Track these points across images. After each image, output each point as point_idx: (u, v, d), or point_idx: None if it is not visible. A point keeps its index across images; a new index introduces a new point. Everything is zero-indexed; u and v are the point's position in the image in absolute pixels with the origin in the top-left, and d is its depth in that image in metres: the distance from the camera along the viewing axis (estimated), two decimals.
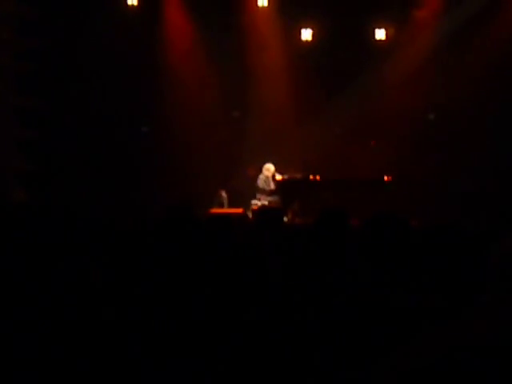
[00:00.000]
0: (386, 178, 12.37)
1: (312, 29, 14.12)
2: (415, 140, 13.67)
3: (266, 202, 12.24)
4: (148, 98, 13.66)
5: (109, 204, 10.99)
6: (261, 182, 12.52)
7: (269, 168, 12.78)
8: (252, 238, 4.94)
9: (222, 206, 12.76)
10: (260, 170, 12.59)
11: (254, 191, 12.51)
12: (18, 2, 12.79)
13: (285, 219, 10.60)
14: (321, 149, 13.43)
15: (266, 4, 13.94)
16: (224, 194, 12.94)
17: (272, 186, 12.49)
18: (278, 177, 12.57)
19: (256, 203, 12.23)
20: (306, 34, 14.16)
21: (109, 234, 4.69)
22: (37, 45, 12.77)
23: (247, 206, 12.24)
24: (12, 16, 12.75)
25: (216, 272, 3.77)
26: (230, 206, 12.66)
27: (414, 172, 13.26)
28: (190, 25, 13.88)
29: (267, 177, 12.70)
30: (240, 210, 11.82)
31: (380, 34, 13.93)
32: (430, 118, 14.19)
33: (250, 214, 11.64)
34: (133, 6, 13.76)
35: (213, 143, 13.40)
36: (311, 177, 12.45)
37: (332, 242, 3.91)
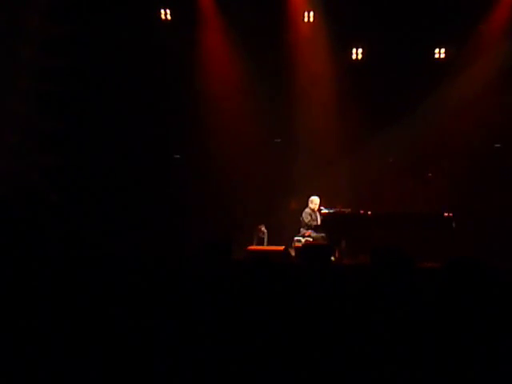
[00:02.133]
0: (445, 214, 11.04)
1: (362, 47, 12.83)
2: (478, 171, 12.25)
3: (311, 239, 11.27)
4: (182, 123, 12.59)
5: (142, 238, 10.30)
6: (306, 215, 11.49)
7: (313, 200, 11.68)
8: (295, 280, 4.60)
9: (261, 242, 11.82)
10: (306, 204, 11.60)
11: (298, 226, 11.54)
12: (43, 19, 11.74)
13: (331, 259, 9.86)
14: (372, 181, 12.34)
15: (312, 19, 12.62)
16: (264, 229, 11.93)
17: (319, 220, 11.51)
18: (324, 211, 11.46)
19: (299, 240, 11.29)
20: (357, 53, 12.89)
21: (144, 273, 4.64)
22: (62, 64, 11.79)
23: (289, 242, 11.27)
24: (36, 33, 11.74)
25: (255, 317, 3.59)
26: (271, 242, 11.69)
27: (476, 207, 12.00)
28: (229, 45, 12.67)
29: (313, 210, 11.58)
30: (281, 248, 10.67)
31: (439, 53, 12.63)
32: (496, 147, 12.67)
33: (292, 252, 10.78)
34: (166, 20, 12.59)
35: (253, 174, 12.39)
36: (361, 211, 11.26)
37: (392, 286, 3.66)
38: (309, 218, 11.42)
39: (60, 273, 4.41)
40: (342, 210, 11.48)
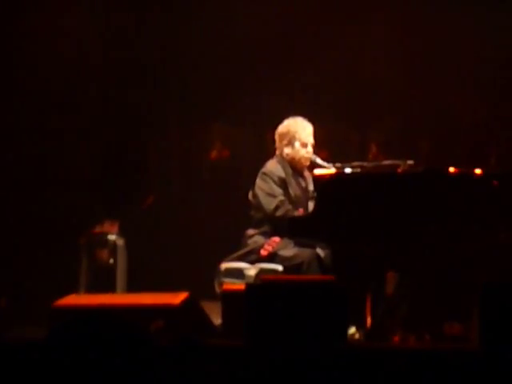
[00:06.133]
0: None
1: None
2: None
3: (279, 267, 4.33)
4: None
5: None
6: (267, 187, 4.40)
7: (297, 134, 4.29)
8: None
9: (107, 278, 5.66)
10: (266, 151, 4.96)
11: (235, 225, 4.91)
12: None
13: (352, 332, 4.29)
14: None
15: None
16: (114, 235, 5.40)
17: (310, 204, 4.57)
18: (326, 169, 4.44)
19: (239, 270, 4.50)
20: None
21: None
22: None
23: (205, 278, 4.69)
24: None
25: None
26: (140, 274, 5.52)
27: None
28: None
29: (296, 167, 4.42)
30: (176, 301, 3.94)
31: None
32: None
33: (215, 316, 4.27)
34: None
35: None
36: (452, 169, 4.03)
37: None
38: (274, 194, 4.47)
39: None
40: (385, 162, 4.71)
